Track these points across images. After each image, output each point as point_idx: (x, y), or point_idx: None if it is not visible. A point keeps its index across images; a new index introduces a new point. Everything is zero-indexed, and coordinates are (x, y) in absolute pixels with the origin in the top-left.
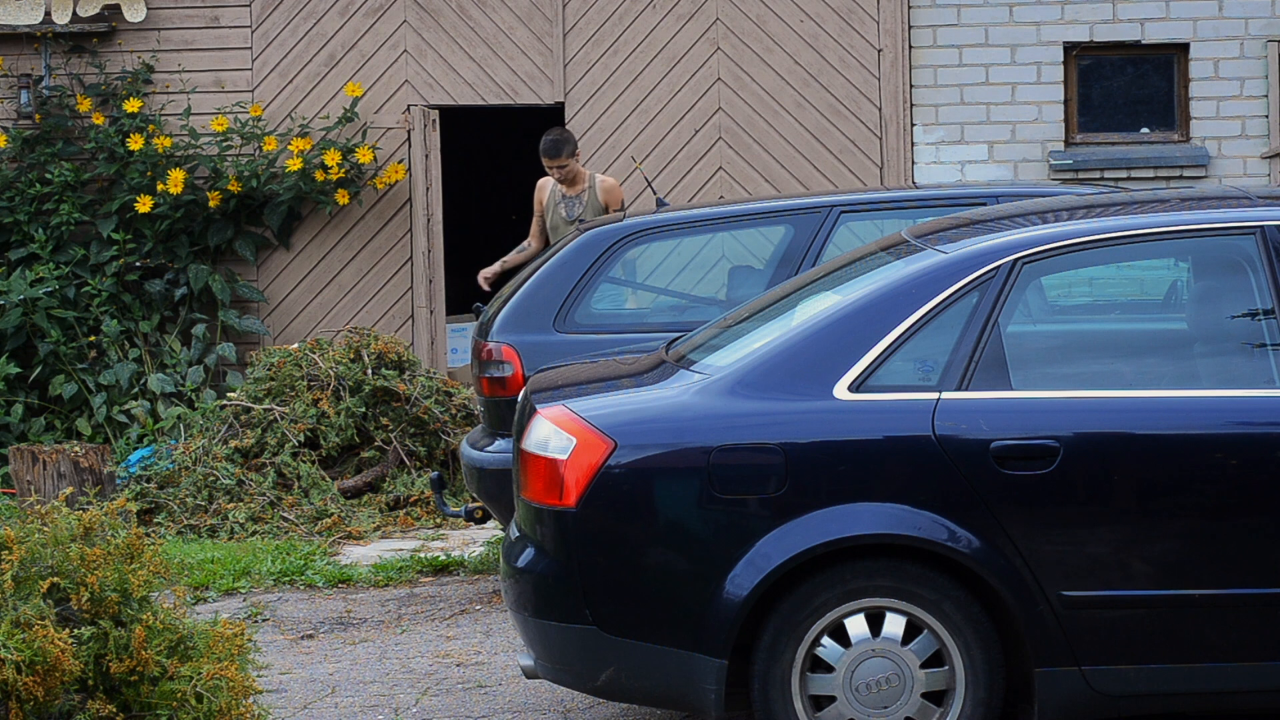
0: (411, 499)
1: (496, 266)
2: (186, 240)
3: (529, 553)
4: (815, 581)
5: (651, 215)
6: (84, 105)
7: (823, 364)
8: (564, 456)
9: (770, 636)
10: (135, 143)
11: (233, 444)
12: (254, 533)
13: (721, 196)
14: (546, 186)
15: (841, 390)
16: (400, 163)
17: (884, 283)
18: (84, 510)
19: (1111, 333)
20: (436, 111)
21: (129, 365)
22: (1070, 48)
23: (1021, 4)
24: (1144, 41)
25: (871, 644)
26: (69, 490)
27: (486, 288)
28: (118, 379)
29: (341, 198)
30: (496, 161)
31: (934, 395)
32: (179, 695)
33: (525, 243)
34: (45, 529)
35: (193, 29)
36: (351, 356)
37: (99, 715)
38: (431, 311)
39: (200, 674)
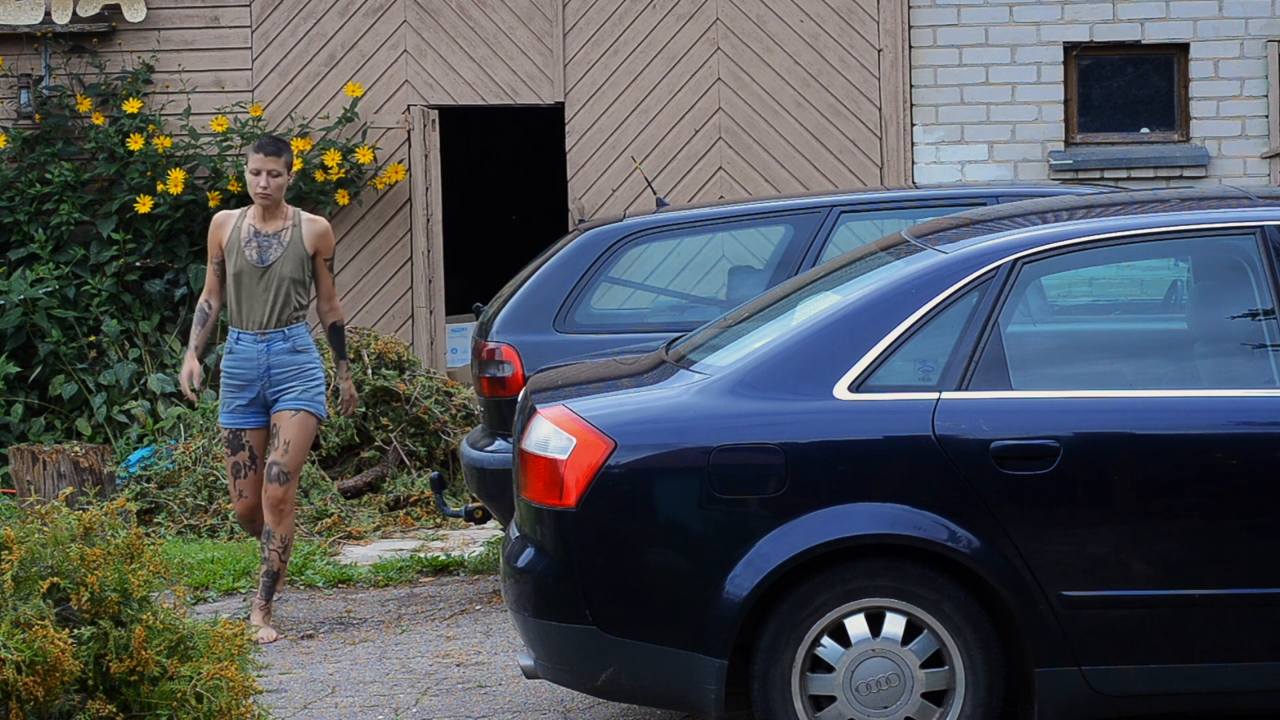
0: (411, 499)
1: (192, 361)
2: (186, 240)
3: (529, 553)
4: (815, 581)
5: (651, 215)
6: (84, 105)
7: (823, 364)
8: (564, 456)
9: (770, 636)
10: (135, 143)
11: None
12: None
13: (721, 196)
14: (227, 224)
15: (841, 390)
16: (400, 163)
17: (884, 283)
18: (84, 510)
19: (1111, 333)
20: (436, 111)
21: (129, 365)
22: (1070, 48)
23: (1021, 4)
24: (1144, 41)
25: (871, 644)
26: (69, 490)
27: (190, 394)
28: (118, 379)
29: (341, 198)
30: (496, 161)
31: (934, 395)
32: (179, 695)
33: (202, 305)
34: (45, 529)
35: (193, 29)
36: (351, 356)
37: (99, 715)
38: (431, 311)
39: (200, 674)
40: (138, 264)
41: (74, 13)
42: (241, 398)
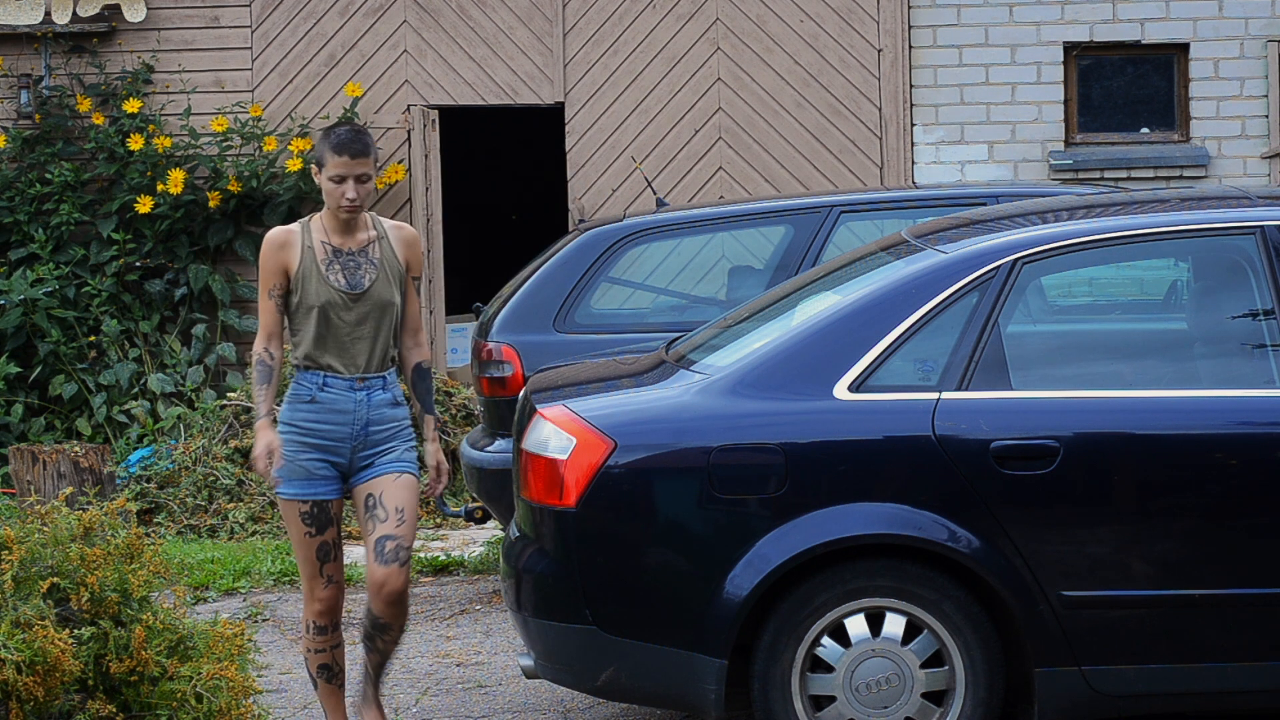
0: None
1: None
2: (186, 240)
3: (529, 553)
4: (815, 581)
5: (651, 215)
6: (84, 105)
7: (823, 364)
8: (564, 456)
9: (770, 636)
10: (135, 143)
11: (233, 444)
12: (254, 533)
13: (721, 196)
14: (292, 244)
15: (841, 390)
16: (400, 163)
17: (884, 283)
18: (84, 510)
19: (1111, 333)
20: (436, 111)
21: (129, 365)
22: (1070, 48)
23: (1021, 4)
24: (1144, 41)
25: (871, 644)
26: (69, 490)
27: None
28: (118, 379)
29: None
30: (496, 161)
31: (934, 395)
32: (179, 695)
33: (261, 356)
34: (45, 529)
35: (193, 29)
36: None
37: (99, 715)
38: (431, 311)
39: (200, 674)
40: (138, 264)
41: (74, 13)
42: (322, 461)
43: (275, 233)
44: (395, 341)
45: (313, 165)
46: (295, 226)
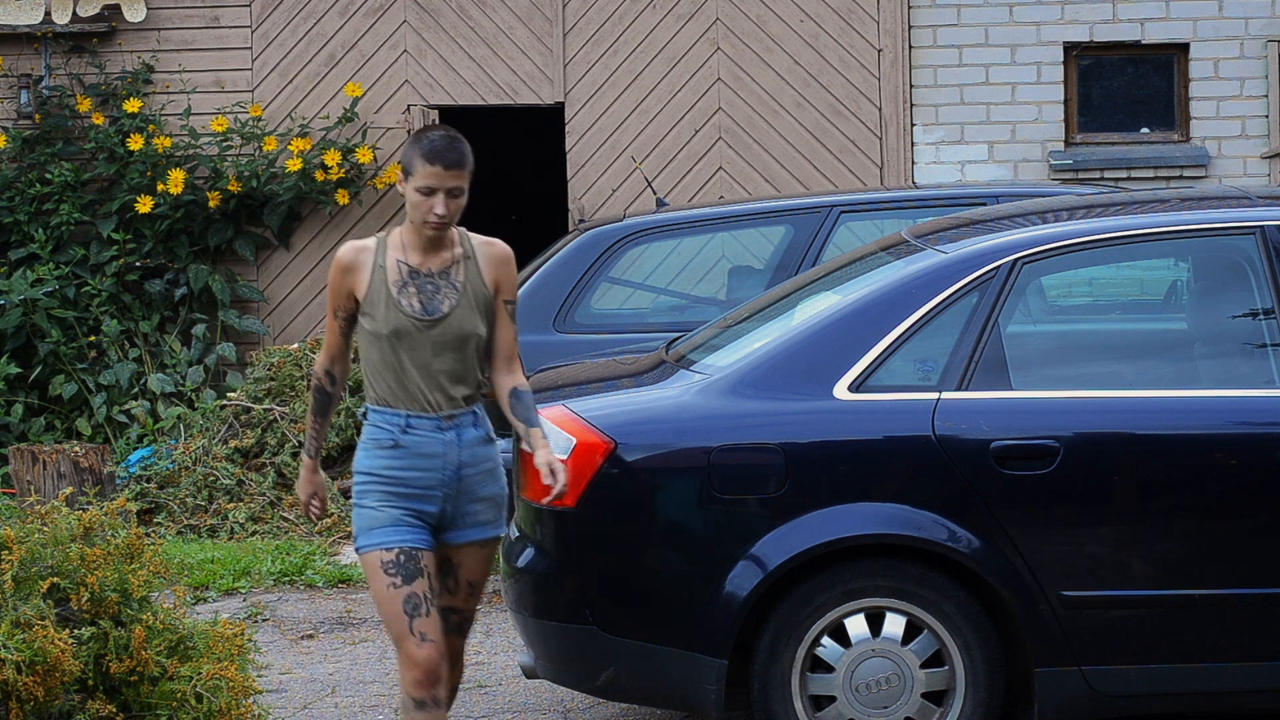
0: None
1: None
2: (186, 240)
3: (529, 553)
4: (815, 581)
5: (651, 215)
6: (84, 105)
7: (823, 364)
8: (564, 456)
9: (770, 636)
10: (135, 143)
11: (233, 444)
12: (254, 533)
13: (721, 196)
14: (362, 261)
15: (841, 390)
16: (400, 163)
17: (884, 283)
18: (84, 510)
19: (1111, 333)
20: (436, 111)
21: (129, 365)
22: (1070, 48)
23: (1021, 4)
24: (1144, 41)
25: (871, 644)
26: (69, 490)
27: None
28: (118, 379)
29: (341, 198)
30: (496, 161)
31: (934, 395)
32: (179, 695)
33: (321, 379)
34: (45, 529)
35: (193, 29)
36: (352, 356)
37: (99, 715)
38: None
39: (200, 674)
40: (138, 264)
41: (74, 13)
42: (407, 508)
43: (345, 252)
44: (483, 370)
45: (398, 171)
46: (369, 243)
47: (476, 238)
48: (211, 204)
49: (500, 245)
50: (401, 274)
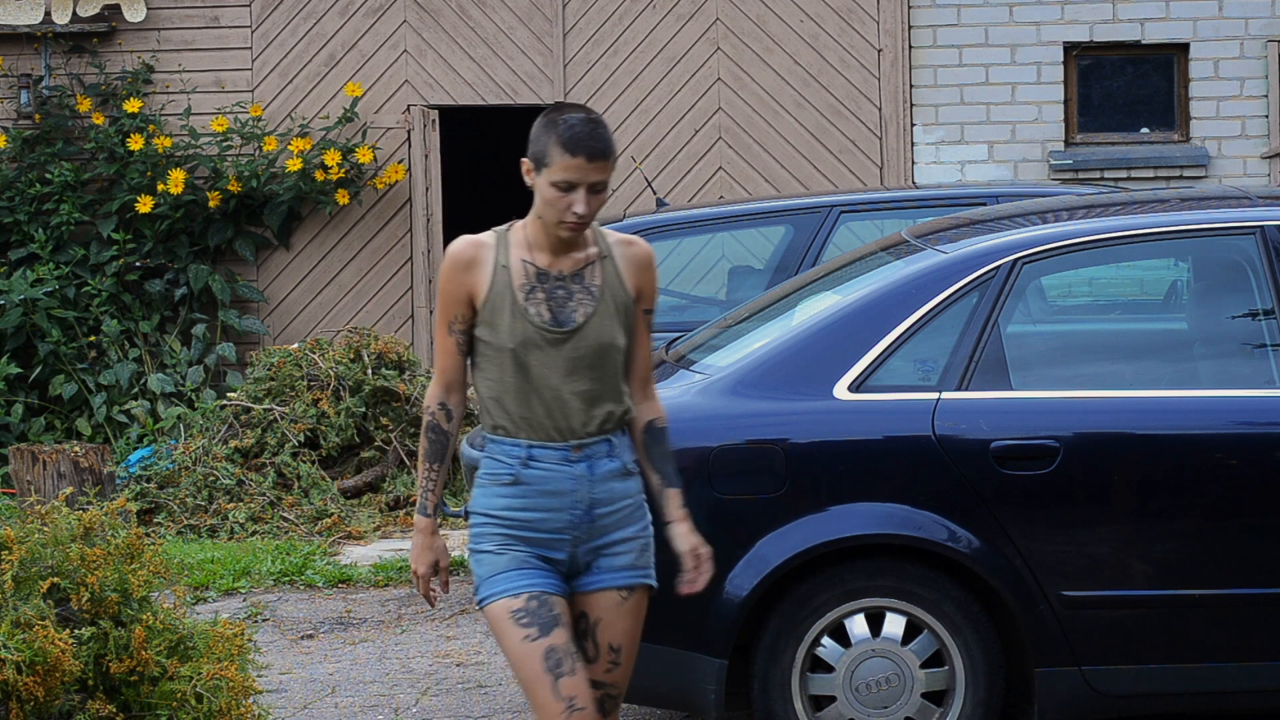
0: (411, 499)
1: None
2: (186, 240)
3: None
4: (815, 581)
5: (651, 215)
6: (84, 105)
7: (823, 364)
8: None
9: (770, 636)
10: (135, 143)
11: (233, 444)
12: (254, 533)
13: (721, 196)
14: (481, 259)
15: (841, 390)
16: (400, 163)
17: (884, 283)
18: (84, 510)
19: (1111, 333)
20: (436, 111)
21: (129, 365)
22: (1070, 48)
23: (1021, 4)
24: (1144, 41)
25: (871, 644)
26: (69, 490)
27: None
28: (118, 379)
29: (341, 198)
30: (496, 161)
31: (934, 395)
32: (179, 695)
33: (434, 413)
34: (45, 529)
35: (193, 29)
36: (351, 356)
37: (99, 715)
38: (431, 311)
39: (200, 674)
40: (138, 264)
41: (74, 13)
42: (528, 553)
43: (460, 246)
44: (622, 392)
45: (525, 162)
46: (488, 237)
47: (613, 234)
48: (211, 204)
49: (642, 245)
50: (528, 276)
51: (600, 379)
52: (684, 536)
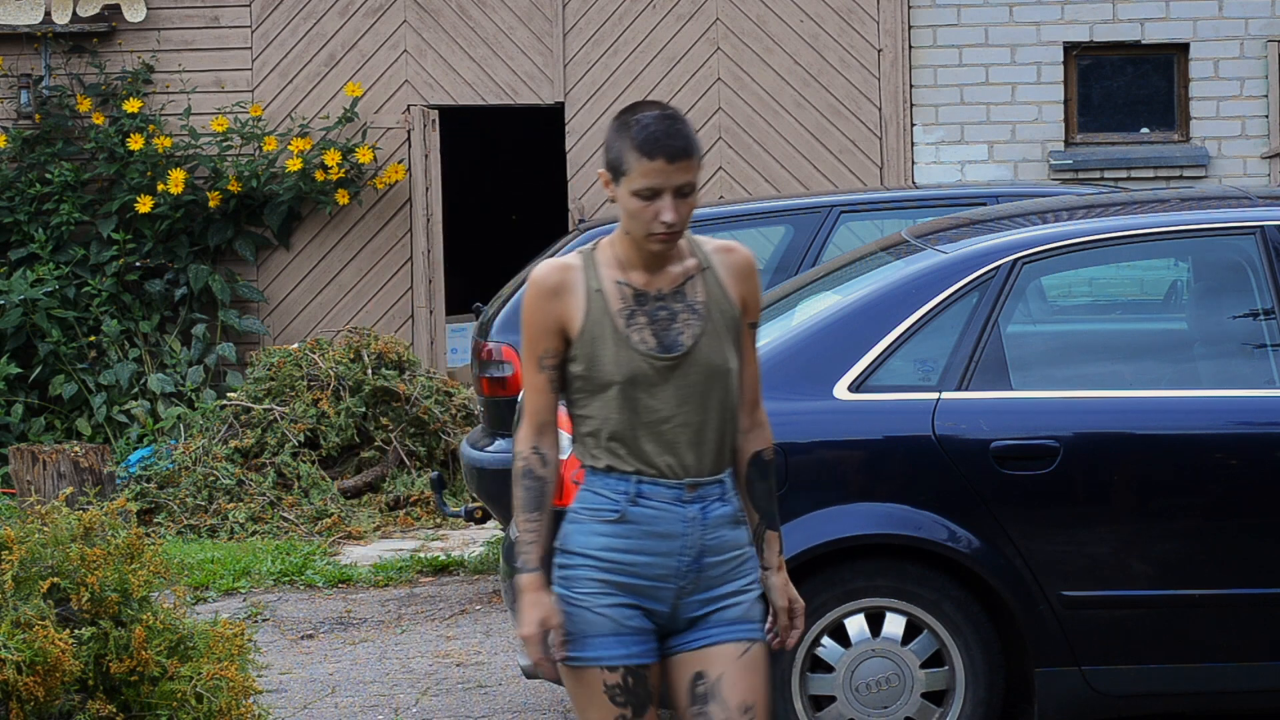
0: (411, 499)
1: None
2: (186, 240)
3: None
4: (815, 581)
5: None
6: (84, 105)
7: (823, 364)
8: (564, 456)
9: None
10: (135, 143)
11: (233, 444)
12: (254, 533)
13: (721, 196)
14: (570, 284)
15: (841, 390)
16: (400, 163)
17: (884, 283)
18: (84, 510)
19: (1111, 333)
20: (436, 111)
21: (129, 365)
22: (1070, 48)
23: (1021, 4)
24: (1144, 41)
25: (871, 644)
26: (69, 490)
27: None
28: (118, 379)
29: (341, 198)
30: (496, 161)
31: (934, 395)
32: (179, 695)
33: (529, 460)
34: (45, 529)
35: (193, 29)
36: (351, 356)
37: (99, 715)
38: (431, 311)
39: (200, 674)
40: (138, 264)
41: (74, 13)
42: (633, 609)
43: (545, 271)
44: (736, 423)
45: (603, 173)
46: (574, 259)
47: (709, 242)
48: (211, 204)
49: (742, 251)
50: (626, 300)
51: (713, 407)
52: (780, 589)
